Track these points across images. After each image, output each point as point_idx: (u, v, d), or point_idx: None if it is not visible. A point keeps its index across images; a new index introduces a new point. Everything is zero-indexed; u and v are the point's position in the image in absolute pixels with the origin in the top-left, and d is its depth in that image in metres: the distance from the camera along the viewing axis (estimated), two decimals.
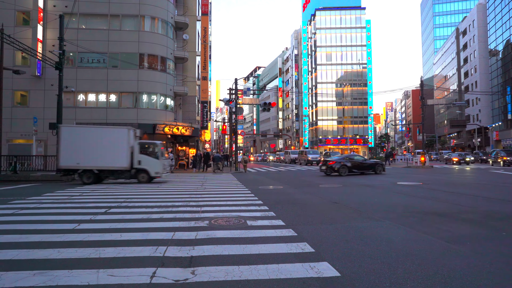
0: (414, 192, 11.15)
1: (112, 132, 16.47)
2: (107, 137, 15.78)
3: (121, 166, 15.51)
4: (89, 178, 15.40)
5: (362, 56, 74.74)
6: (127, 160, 15.50)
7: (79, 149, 15.11)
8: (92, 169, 15.38)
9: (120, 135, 15.74)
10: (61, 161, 15.09)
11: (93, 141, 15.38)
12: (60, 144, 15.12)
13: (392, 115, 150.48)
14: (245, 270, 3.75)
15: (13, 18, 25.65)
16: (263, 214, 7.12)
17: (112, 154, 15.38)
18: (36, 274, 3.64)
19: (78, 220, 6.57)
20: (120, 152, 15.43)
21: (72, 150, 15.07)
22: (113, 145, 15.53)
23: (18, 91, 26.23)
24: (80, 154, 15.07)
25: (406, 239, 5.09)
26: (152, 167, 15.85)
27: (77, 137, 15.53)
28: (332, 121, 75.19)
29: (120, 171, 15.63)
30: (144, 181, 15.71)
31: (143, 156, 15.86)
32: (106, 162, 15.37)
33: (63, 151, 15.06)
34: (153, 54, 27.51)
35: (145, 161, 15.80)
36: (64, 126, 15.87)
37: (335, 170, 19.44)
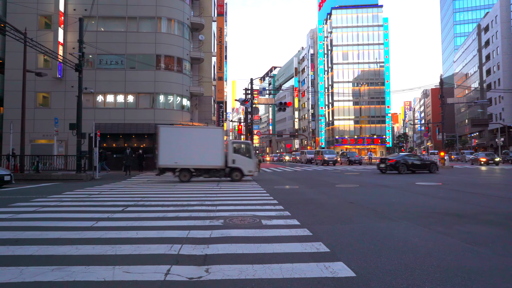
0: (433, 192, 10.88)
1: (207, 132, 17.28)
2: (202, 136, 16.36)
3: (216, 165, 15.95)
4: (185, 177, 15.88)
5: (379, 55, 73.63)
6: (222, 159, 15.93)
7: (177, 148, 15.54)
8: (189, 168, 15.86)
9: (215, 135, 16.36)
10: (160, 160, 15.54)
11: (190, 141, 15.86)
12: (159, 144, 15.55)
13: (411, 115, 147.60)
14: (259, 269, 3.73)
15: (35, 22, 26.44)
16: (278, 214, 7.08)
17: (208, 153, 15.81)
18: (54, 269, 3.72)
19: (96, 218, 6.69)
20: (215, 151, 15.90)
21: (170, 149, 15.49)
22: (209, 144, 15.98)
23: (40, 93, 27.00)
24: (178, 153, 15.50)
25: (424, 240, 4.96)
26: (246, 166, 16.35)
27: (175, 137, 16.03)
28: (349, 120, 74.37)
29: (215, 170, 16.06)
30: (237, 179, 16.17)
31: (237, 155, 16.35)
32: (202, 161, 15.82)
33: (162, 151, 15.49)
34: (169, 55, 27.84)
35: (239, 160, 16.29)
36: (162, 127, 16.33)
37: (394, 168, 20.28)
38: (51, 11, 26.35)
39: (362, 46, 74.05)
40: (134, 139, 27.02)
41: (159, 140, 15.58)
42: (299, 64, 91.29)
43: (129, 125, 26.44)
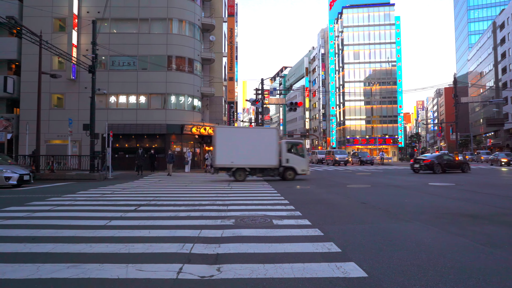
0: (447, 193, 10.71)
1: (262, 132, 17.67)
2: (257, 137, 16.72)
3: (271, 165, 16.26)
4: (240, 176, 16.21)
5: (391, 54, 72.78)
6: (276, 158, 16.26)
7: (233, 148, 15.89)
8: (245, 167, 16.16)
9: (269, 135, 16.68)
10: (217, 160, 15.93)
11: (245, 141, 16.24)
12: (215, 144, 15.96)
13: (423, 114, 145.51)
14: (270, 268, 3.74)
15: (50, 25, 26.97)
16: (289, 214, 7.08)
17: (263, 153, 16.14)
18: (70, 266, 3.80)
19: (109, 217, 6.80)
20: (270, 151, 16.21)
21: (226, 149, 15.85)
22: (263, 144, 16.32)
23: (55, 94, 27.52)
24: (234, 153, 15.86)
25: (438, 241, 4.89)
26: (299, 165, 16.67)
27: (230, 137, 16.43)
28: (360, 120, 73.68)
29: (270, 169, 16.38)
30: (290, 178, 16.45)
31: (290, 155, 16.67)
32: (257, 160, 16.15)
33: (218, 150, 15.87)
34: (180, 56, 28.05)
35: (292, 159, 16.61)
36: (219, 127, 16.87)
37: (429, 168, 20.37)
38: (65, 14, 26.84)
39: (374, 45, 73.28)
40: (146, 139, 27.31)
41: (215, 140, 16.00)
42: (309, 64, 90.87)
43: (141, 125, 26.73)
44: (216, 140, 16.00)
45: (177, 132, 27.03)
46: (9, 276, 3.53)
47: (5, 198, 9.99)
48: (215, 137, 16.12)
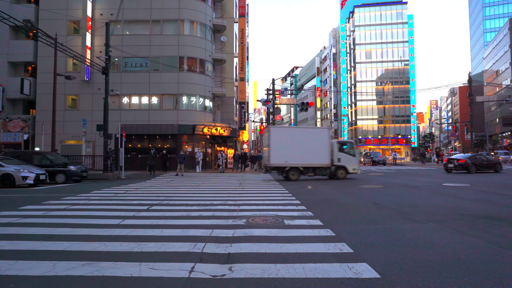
0: (462, 194, 10.52)
1: (314, 131, 18.29)
2: (310, 136, 17.10)
3: (323, 164, 16.56)
4: (294, 175, 16.43)
5: (403, 53, 71.85)
6: (329, 157, 16.58)
7: (286, 148, 16.18)
8: (298, 166, 16.41)
9: (322, 135, 17.03)
10: (271, 159, 16.18)
11: (298, 140, 16.54)
12: (270, 144, 16.23)
13: (437, 114, 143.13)
14: (282, 268, 3.74)
15: (65, 27, 27.49)
16: (301, 214, 7.06)
17: (315, 152, 16.44)
18: (84, 264, 3.87)
19: (123, 216, 6.89)
20: (322, 150, 16.51)
21: (280, 149, 16.14)
22: (316, 143, 16.61)
23: (69, 96, 28.03)
24: (287, 152, 16.13)
25: (453, 243, 4.81)
26: (350, 164, 17.02)
27: (284, 136, 16.73)
28: (372, 120, 72.93)
29: (322, 168, 16.68)
30: (342, 177, 16.80)
31: (342, 154, 16.98)
32: (309, 159, 16.45)
33: (272, 150, 16.16)
34: (192, 57, 28.25)
35: (344, 158, 16.94)
36: (272, 127, 17.20)
37: (463, 167, 20.54)
38: (79, 16, 27.30)
39: (386, 44, 72.45)
40: (158, 140, 27.59)
41: (270, 140, 16.21)
42: (321, 64, 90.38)
43: (153, 126, 27.01)
44: (270, 140, 16.23)
45: (189, 132, 27.23)
46: (27, 273, 3.62)
47: (22, 197, 10.23)
48: (269, 137, 16.33)
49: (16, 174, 13.27)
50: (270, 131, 16.51)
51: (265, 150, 17.12)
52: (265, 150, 17.06)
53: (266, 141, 16.96)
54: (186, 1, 28.16)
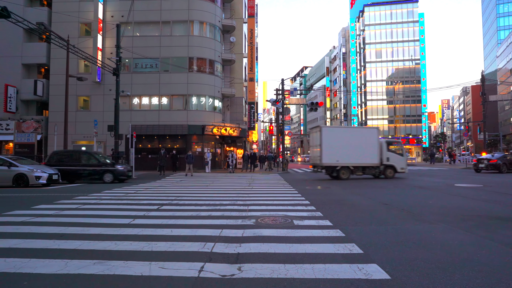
0: (474, 194, 10.35)
1: (364, 131, 18.79)
2: (359, 136, 17.45)
3: (373, 163, 16.91)
4: (344, 174, 16.75)
5: (414, 52, 70.98)
6: (378, 157, 16.91)
7: (338, 147, 16.49)
8: (349, 165, 16.74)
9: (371, 134, 17.38)
10: (323, 159, 16.46)
11: (348, 140, 16.88)
12: (322, 144, 16.52)
13: (449, 113, 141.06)
14: (291, 268, 3.74)
15: (77, 29, 27.91)
16: (310, 214, 7.03)
17: (365, 151, 16.79)
18: (96, 263, 3.92)
19: (133, 216, 6.96)
20: (372, 149, 16.86)
21: (331, 148, 16.45)
22: (366, 143, 16.94)
23: (81, 97, 28.44)
24: (339, 152, 16.46)
25: (464, 244, 4.74)
26: (398, 163, 17.42)
27: (335, 136, 17.06)
28: (383, 120, 72.20)
29: (372, 167, 17.02)
30: (390, 176, 17.17)
31: (391, 153, 17.33)
32: (359, 159, 16.82)
33: (324, 150, 16.45)
34: (201, 58, 28.39)
35: (392, 157, 17.29)
36: (324, 127, 17.48)
37: (495, 167, 20.59)
38: (91, 19, 27.70)
39: (397, 43, 71.67)
40: (168, 140, 27.79)
41: (322, 139, 16.45)
42: (330, 64, 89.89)
43: (163, 126, 27.22)
44: (322, 139, 16.47)
45: (198, 132, 27.36)
46: (40, 271, 3.68)
47: (36, 197, 10.41)
48: (320, 137, 16.55)
49: (29, 174, 13.51)
50: (322, 131, 16.66)
51: (314, 150, 17.47)
52: (315, 150, 17.37)
53: (315, 141, 17.32)
54: (195, 2, 28.32)
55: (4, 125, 27.03)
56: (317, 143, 17.02)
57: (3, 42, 27.92)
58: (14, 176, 13.42)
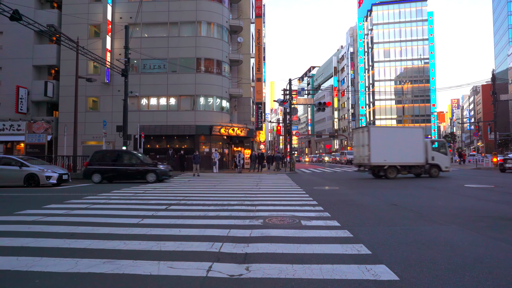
0: (485, 195, 10.22)
1: (410, 131, 19.24)
2: (406, 136, 17.80)
3: (418, 162, 17.28)
4: (391, 173, 17.10)
5: (423, 51, 70.35)
6: (423, 156, 17.32)
7: (385, 147, 16.83)
8: (396, 165, 17.10)
9: (417, 134, 17.80)
10: (372, 158, 16.81)
11: (395, 140, 17.22)
12: (370, 143, 16.85)
13: (459, 113, 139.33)
14: (299, 269, 3.73)
15: (86, 31, 28.23)
16: (318, 215, 7.02)
17: (411, 151, 17.14)
18: (105, 262, 3.97)
19: (142, 216, 7.03)
20: (417, 149, 17.22)
21: (379, 148, 16.78)
22: (411, 143, 17.30)
23: (90, 97, 28.76)
24: (386, 152, 16.81)
25: (475, 245, 4.68)
26: (443, 162, 17.81)
27: (383, 136, 17.40)
28: (391, 120, 71.69)
29: (417, 166, 17.40)
30: (435, 175, 17.61)
31: (435, 153, 17.73)
32: (406, 158, 17.19)
33: (373, 149, 16.79)
34: (209, 58, 28.50)
35: (437, 157, 17.71)
36: (372, 127, 18.02)
37: None
38: (100, 20, 28.00)
39: (405, 43, 71.10)
40: (176, 140, 27.94)
41: (370, 139, 16.75)
42: (338, 63, 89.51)
43: (171, 126, 27.38)
44: (371, 139, 16.77)
45: (206, 133, 27.46)
46: (51, 269, 3.74)
47: (46, 196, 10.56)
48: (369, 137, 16.83)
49: (40, 174, 13.71)
50: (370, 131, 17.00)
51: (360, 149, 17.76)
52: (360, 150, 17.67)
53: (361, 141, 17.63)
54: (203, 3, 28.44)
55: (15, 125, 27.47)
56: (363, 142, 17.34)
57: (15, 44, 28.38)
58: (25, 176, 13.63)
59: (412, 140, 17.28)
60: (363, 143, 17.40)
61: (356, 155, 18.57)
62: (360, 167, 18.14)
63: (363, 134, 17.48)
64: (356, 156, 18.52)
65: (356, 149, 18.68)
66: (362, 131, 17.89)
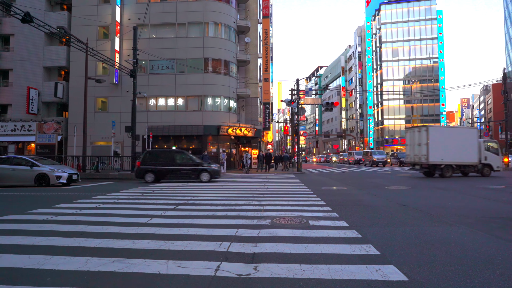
0: (496, 196, 10.08)
1: (465, 131, 19.83)
2: (461, 136, 18.32)
3: (472, 162, 17.81)
4: (447, 172, 17.53)
5: (432, 50, 69.54)
6: (477, 156, 17.78)
7: (443, 147, 17.20)
8: (451, 164, 17.50)
9: (471, 134, 18.30)
10: (430, 157, 17.19)
11: (452, 140, 17.63)
12: (429, 143, 17.24)
13: (469, 113, 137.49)
14: (307, 269, 3.73)
15: (95, 33, 28.54)
16: (326, 215, 6.99)
17: (466, 151, 17.54)
18: (115, 261, 4.01)
19: (150, 215, 7.08)
20: (472, 149, 17.68)
21: (437, 148, 17.14)
22: (466, 143, 17.73)
23: (99, 98, 29.06)
24: (443, 151, 17.18)
25: (486, 246, 4.63)
26: (494, 162, 18.30)
27: (441, 136, 17.78)
28: (400, 120, 71.02)
29: (471, 166, 17.99)
30: (487, 175, 18.01)
31: (488, 153, 18.27)
32: (461, 158, 17.66)
33: (431, 149, 17.17)
34: (216, 59, 28.58)
35: (489, 156, 18.22)
36: (432, 127, 18.34)
37: None
38: (108, 22, 28.28)
39: (414, 42, 70.36)
40: (184, 141, 28.08)
41: (429, 139, 17.14)
42: (346, 63, 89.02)
43: (179, 127, 27.52)
44: (430, 139, 17.16)
45: (214, 133, 27.55)
46: (62, 267, 3.79)
47: (57, 196, 10.71)
48: (427, 136, 17.20)
49: (50, 173, 13.89)
50: (429, 131, 17.35)
51: (414, 148, 18.19)
52: (416, 148, 18.08)
53: (418, 140, 17.96)
54: (210, 4, 28.54)
55: (26, 126, 27.88)
56: (419, 142, 17.80)
57: (26, 46, 28.83)
58: (36, 176, 13.82)
59: (467, 140, 17.66)
60: (419, 142, 17.81)
61: (410, 154, 18.95)
62: (414, 166, 18.55)
63: (420, 133, 17.89)
64: (410, 155, 18.93)
65: (410, 148, 19.07)
66: (418, 130, 18.27)
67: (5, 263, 3.96)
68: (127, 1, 28.89)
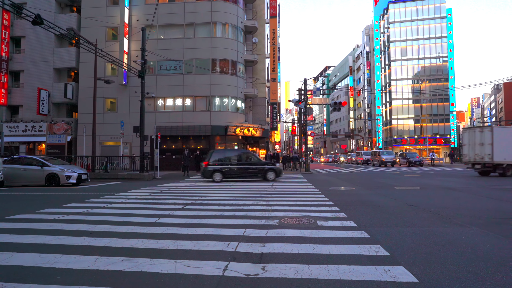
0: (507, 196, 9.91)
1: None
2: None
3: None
4: (509, 171, 17.78)
5: (442, 49, 68.68)
6: None
7: (505, 146, 17.60)
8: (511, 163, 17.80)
9: None
10: (495, 157, 17.53)
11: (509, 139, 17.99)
12: (494, 142, 17.57)
13: (479, 112, 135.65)
14: (315, 269, 3.71)
15: (104, 34, 28.82)
16: (334, 215, 6.95)
17: None
18: (123, 260, 4.04)
19: (158, 215, 7.12)
20: None
21: (501, 148, 17.52)
22: None
23: (108, 99, 29.34)
24: (506, 150, 17.56)
25: (497, 248, 4.55)
26: None
27: (504, 136, 18.09)
28: (408, 119, 70.29)
29: None
30: None
31: None
32: None
33: (496, 148, 17.50)
34: (224, 59, 28.65)
35: None
36: (496, 127, 18.86)
37: None
38: (117, 23, 28.52)
39: (423, 41, 69.58)
40: (192, 141, 28.20)
41: (493, 139, 17.48)
42: (354, 63, 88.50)
43: (187, 127, 27.65)
44: (494, 138, 17.48)
45: (221, 133, 27.61)
46: (72, 266, 3.84)
47: (66, 195, 10.83)
48: (492, 136, 17.53)
49: (60, 173, 14.07)
50: (493, 130, 17.74)
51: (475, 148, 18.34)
52: (477, 148, 18.27)
53: (479, 140, 18.15)
54: (218, 4, 28.62)
55: (37, 127, 28.28)
56: (481, 141, 17.99)
57: (37, 48, 29.24)
58: (46, 176, 14.01)
59: None
60: (481, 142, 18.02)
61: (470, 153, 19.04)
62: (474, 165, 18.79)
63: (482, 133, 18.12)
64: (469, 155, 19.05)
65: (468, 148, 19.16)
66: (480, 130, 18.53)
67: (16, 262, 4.02)
68: (135, 2, 29.12)
